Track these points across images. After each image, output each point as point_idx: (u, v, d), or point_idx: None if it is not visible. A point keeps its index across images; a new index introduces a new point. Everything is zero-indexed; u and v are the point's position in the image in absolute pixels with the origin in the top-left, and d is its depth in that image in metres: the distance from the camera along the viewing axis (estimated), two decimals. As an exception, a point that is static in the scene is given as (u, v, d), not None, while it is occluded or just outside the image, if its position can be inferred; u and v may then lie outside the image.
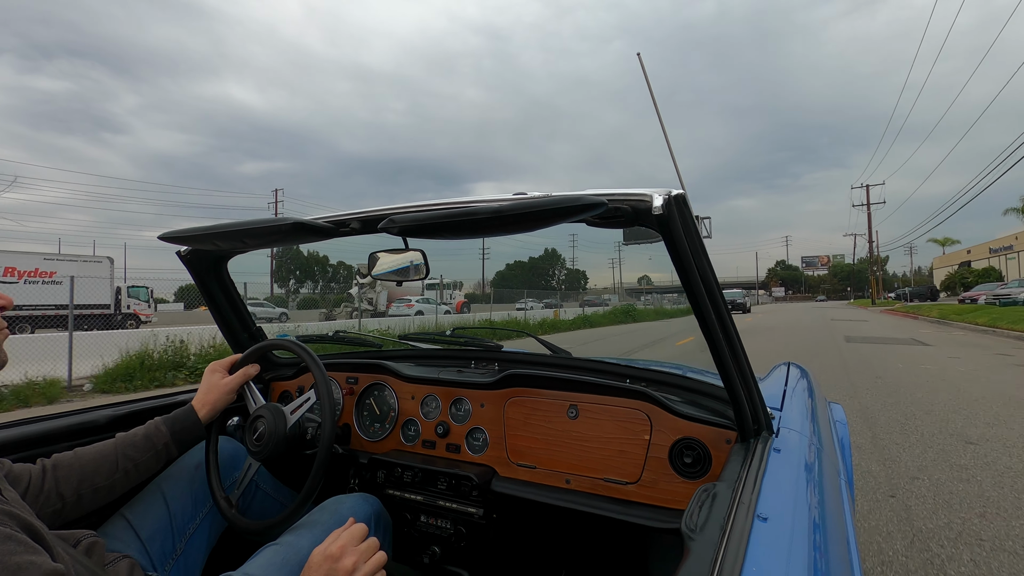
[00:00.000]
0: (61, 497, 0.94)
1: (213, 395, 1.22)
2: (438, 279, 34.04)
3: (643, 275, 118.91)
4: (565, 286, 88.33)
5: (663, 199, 0.77)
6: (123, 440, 1.07)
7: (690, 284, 0.87)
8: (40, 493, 0.93)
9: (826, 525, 0.80)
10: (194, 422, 1.16)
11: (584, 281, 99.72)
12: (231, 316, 1.54)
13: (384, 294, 25.39)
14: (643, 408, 1.21)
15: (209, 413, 1.20)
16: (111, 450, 1.04)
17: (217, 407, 1.22)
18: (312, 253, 70.03)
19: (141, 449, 1.06)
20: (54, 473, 0.95)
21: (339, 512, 1.10)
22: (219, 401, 1.22)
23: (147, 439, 1.08)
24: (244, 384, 1.29)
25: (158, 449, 1.09)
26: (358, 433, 1.53)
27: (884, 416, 4.86)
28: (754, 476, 0.83)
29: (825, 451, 1.17)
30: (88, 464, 0.99)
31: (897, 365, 8.12)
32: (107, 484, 1.01)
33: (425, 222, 0.86)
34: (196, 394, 1.23)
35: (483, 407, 1.39)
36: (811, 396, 1.62)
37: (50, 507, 0.93)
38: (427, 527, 1.33)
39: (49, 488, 0.94)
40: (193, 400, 1.21)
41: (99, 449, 1.03)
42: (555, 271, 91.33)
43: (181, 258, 1.37)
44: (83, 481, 0.98)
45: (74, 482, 0.97)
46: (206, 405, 1.20)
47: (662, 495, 1.14)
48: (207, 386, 1.23)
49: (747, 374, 0.97)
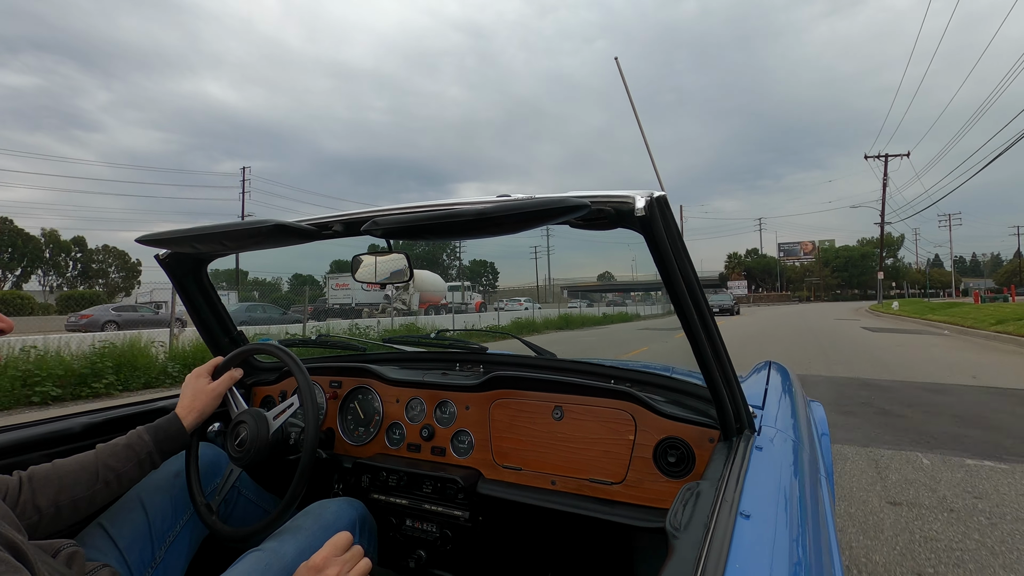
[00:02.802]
0: (38, 510, 0.91)
1: (200, 402, 1.18)
2: (460, 283, 35.15)
3: (604, 271, 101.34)
4: (467, 281, 65.99)
5: (645, 200, 0.78)
6: (104, 450, 1.03)
7: (672, 285, 0.88)
8: (15, 506, 0.89)
9: (807, 521, 0.81)
10: (179, 430, 1.12)
11: (490, 276, 79.13)
12: (211, 320, 1.52)
13: (416, 296, 26.14)
14: (627, 408, 1.21)
15: (195, 420, 1.16)
16: (91, 460, 1.00)
17: (204, 414, 1.18)
18: (48, 232, 51.85)
19: (123, 459, 1.03)
20: (30, 484, 0.92)
21: (323, 517, 1.08)
22: (206, 408, 1.19)
23: (129, 448, 1.04)
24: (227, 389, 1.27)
25: (141, 459, 1.05)
26: (342, 437, 1.52)
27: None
28: (737, 474, 0.84)
29: (806, 448, 1.19)
30: (67, 475, 0.96)
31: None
32: (87, 495, 0.97)
33: (408, 224, 0.85)
34: (179, 400, 1.19)
35: (468, 409, 1.39)
36: (791, 394, 1.64)
37: (25, 519, 0.89)
38: (413, 531, 1.32)
39: (25, 500, 0.90)
40: (177, 407, 1.17)
41: (79, 460, 1.00)
42: (451, 259, 69.86)
43: (160, 261, 1.34)
44: (61, 492, 0.94)
45: (51, 493, 0.93)
46: (192, 412, 1.16)
47: (647, 495, 1.15)
48: (192, 392, 1.19)
49: (729, 374, 0.98)
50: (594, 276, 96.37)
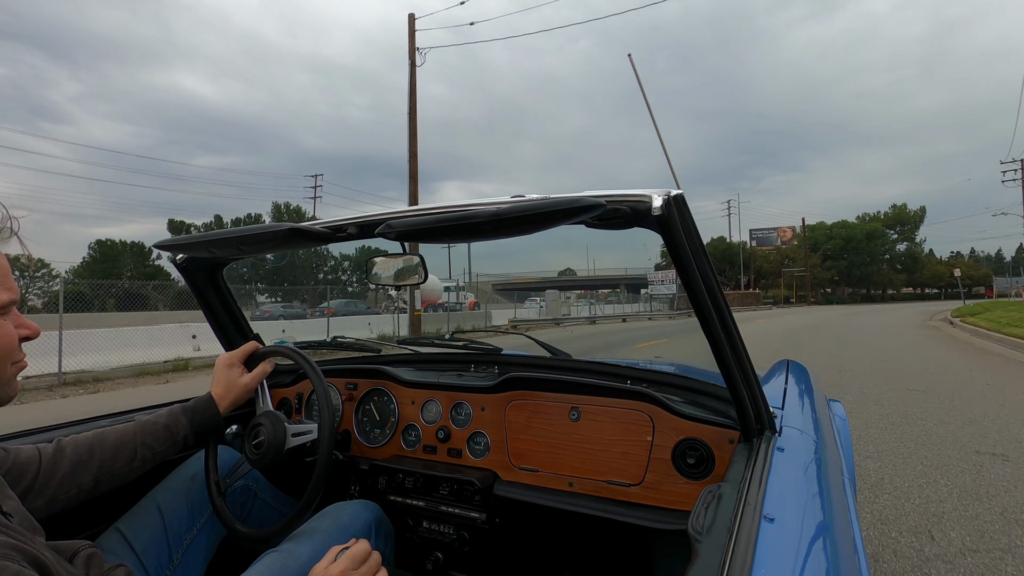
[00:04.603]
0: (78, 485, 0.95)
1: (233, 393, 1.19)
2: (454, 283, 35.33)
3: (566, 268, 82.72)
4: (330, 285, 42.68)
5: (662, 199, 0.77)
6: (143, 428, 1.07)
7: (691, 284, 0.87)
8: (52, 478, 0.92)
9: (833, 524, 0.80)
10: (214, 415, 1.15)
11: (355, 274, 54.06)
12: (228, 323, 1.53)
13: (418, 295, 26.58)
14: (645, 409, 1.20)
15: (227, 408, 1.18)
16: (131, 437, 1.04)
17: (236, 404, 1.20)
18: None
19: (161, 439, 1.07)
20: (73, 457, 0.96)
21: (339, 519, 1.09)
22: (238, 400, 1.21)
23: (167, 429, 1.08)
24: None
25: (176, 440, 1.09)
26: (358, 439, 1.52)
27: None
28: (759, 476, 0.83)
29: (827, 448, 1.16)
30: (108, 451, 1.00)
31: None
32: (124, 471, 1.02)
33: (423, 227, 0.85)
34: (213, 384, 1.20)
35: (484, 411, 1.38)
36: (811, 394, 1.62)
37: (64, 494, 0.94)
38: (430, 533, 1.32)
39: (64, 475, 0.94)
40: (212, 389, 1.18)
41: (119, 435, 1.03)
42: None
43: (177, 266, 1.35)
44: (102, 468, 0.99)
45: (93, 469, 0.97)
46: (225, 400, 1.18)
47: (666, 496, 1.14)
48: (226, 382, 1.20)
49: (749, 373, 0.97)
50: (553, 272, 78.81)
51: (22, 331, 0.75)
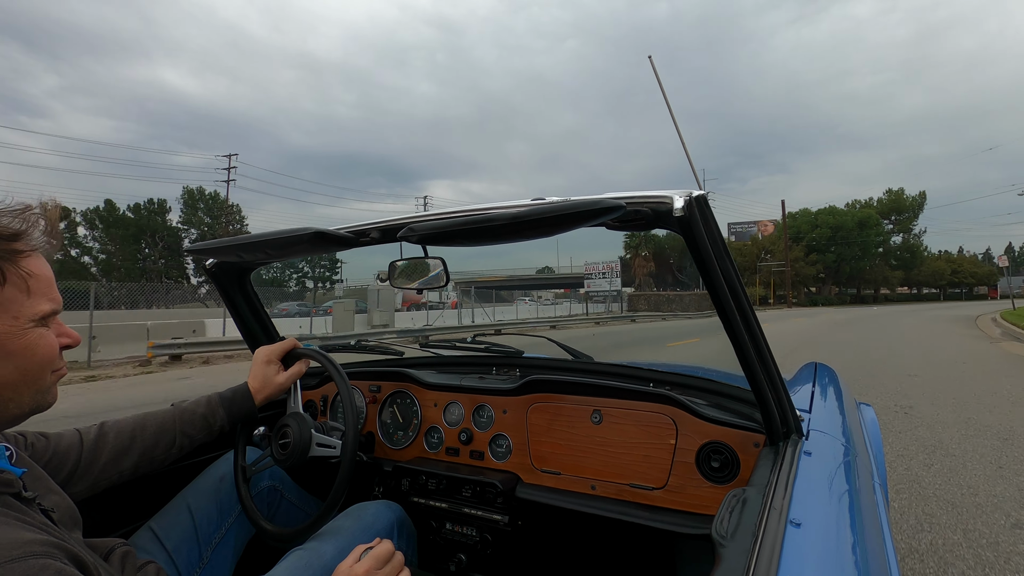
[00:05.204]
0: (120, 471, 1.00)
1: (268, 390, 1.22)
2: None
3: (545, 266, 71.79)
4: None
5: (684, 200, 0.77)
6: (182, 417, 1.10)
7: (713, 285, 0.86)
8: (94, 464, 0.96)
9: (862, 530, 0.78)
10: (251, 409, 1.19)
11: (327, 267, 51.99)
12: (256, 327, 1.57)
13: (400, 295, 27.20)
14: (668, 412, 1.19)
15: (261, 402, 1.22)
16: (171, 425, 1.08)
17: (268, 400, 1.23)
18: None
19: (199, 428, 1.11)
20: (115, 444, 0.99)
21: (362, 519, 1.11)
22: (272, 397, 1.24)
23: (205, 420, 1.12)
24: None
25: (213, 430, 1.14)
26: (382, 441, 1.54)
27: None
28: (785, 480, 0.82)
29: (858, 453, 1.14)
30: (149, 438, 1.04)
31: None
32: (162, 458, 1.07)
33: (444, 230, 0.86)
34: (251, 376, 1.23)
35: (505, 413, 1.38)
36: (840, 397, 1.58)
37: (106, 479, 0.98)
38: (453, 535, 1.32)
39: (107, 462, 0.98)
40: (249, 381, 1.21)
41: (159, 421, 1.07)
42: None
43: (207, 271, 1.39)
44: (143, 454, 1.03)
45: (135, 456, 1.02)
46: (260, 394, 1.21)
47: (690, 500, 1.13)
48: (263, 377, 1.23)
49: (774, 375, 0.95)
50: (531, 270, 68.29)
51: (63, 340, 0.76)
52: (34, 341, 0.69)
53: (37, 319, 0.70)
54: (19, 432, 0.87)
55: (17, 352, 0.68)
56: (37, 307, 0.70)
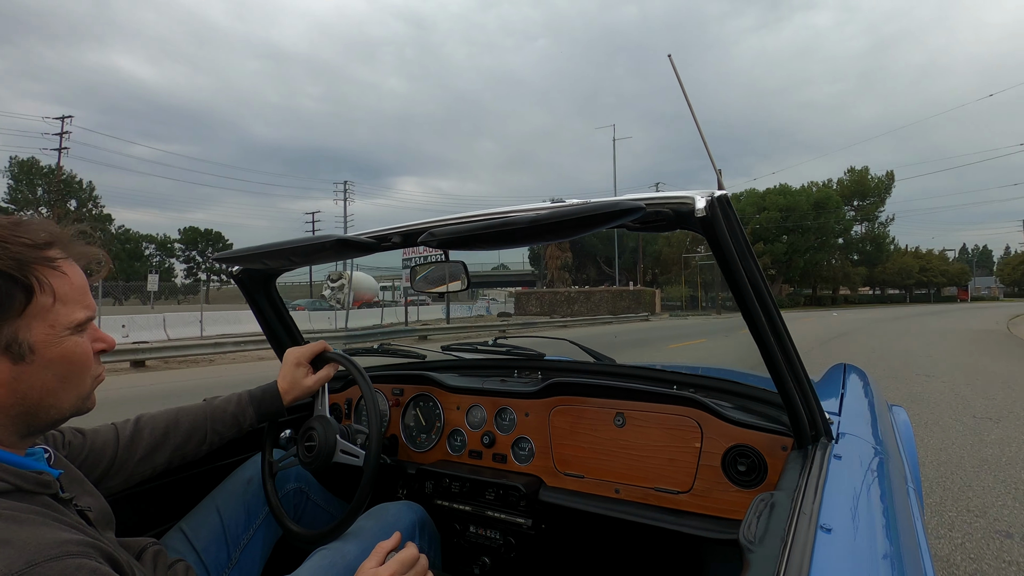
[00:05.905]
0: (153, 466, 1.04)
1: (297, 391, 1.23)
2: (391, 283, 38.17)
3: (499, 263, 65.96)
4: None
5: (706, 201, 0.76)
6: (213, 414, 1.13)
7: (737, 286, 0.84)
8: (129, 460, 0.99)
9: (896, 536, 0.76)
10: (279, 409, 1.21)
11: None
12: (281, 332, 1.60)
13: (351, 294, 28.76)
14: (692, 415, 1.18)
15: (290, 403, 1.23)
16: (203, 422, 1.11)
17: (296, 401, 1.25)
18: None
19: (229, 426, 1.14)
20: (150, 440, 1.03)
21: (384, 520, 1.12)
22: (299, 398, 1.25)
23: (235, 418, 1.15)
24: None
25: (243, 428, 1.17)
26: (405, 444, 1.55)
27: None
28: (815, 484, 0.80)
29: (890, 457, 1.11)
30: (182, 435, 1.08)
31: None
32: (193, 452, 1.10)
33: (465, 234, 0.86)
34: (280, 377, 1.23)
35: (528, 416, 1.38)
36: (871, 399, 1.54)
37: (140, 474, 1.02)
38: (476, 538, 1.33)
39: (141, 457, 1.01)
40: (278, 381, 1.22)
41: (191, 418, 1.10)
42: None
43: (234, 278, 1.43)
44: (176, 450, 1.07)
45: (167, 451, 1.05)
46: (288, 395, 1.22)
47: (716, 504, 1.11)
48: (292, 379, 1.23)
49: (802, 377, 0.93)
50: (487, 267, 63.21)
51: (98, 344, 0.77)
52: (71, 349, 0.70)
53: (73, 327, 0.70)
54: (56, 430, 0.89)
55: (56, 360, 0.69)
56: (73, 315, 0.70)
